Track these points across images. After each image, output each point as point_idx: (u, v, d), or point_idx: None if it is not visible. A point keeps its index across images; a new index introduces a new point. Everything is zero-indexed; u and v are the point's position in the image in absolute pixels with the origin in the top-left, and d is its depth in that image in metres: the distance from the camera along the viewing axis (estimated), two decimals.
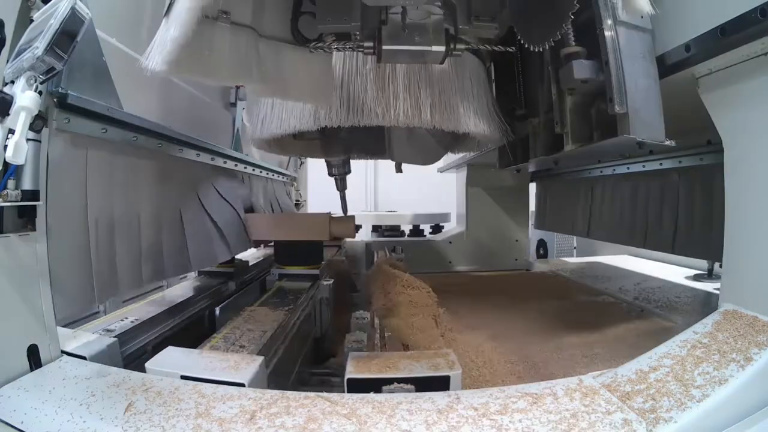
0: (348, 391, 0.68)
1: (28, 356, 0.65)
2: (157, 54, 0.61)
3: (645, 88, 0.76)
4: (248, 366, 0.71)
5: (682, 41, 0.74)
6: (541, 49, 0.78)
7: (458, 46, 0.82)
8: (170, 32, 0.60)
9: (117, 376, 0.65)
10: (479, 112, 1.04)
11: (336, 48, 0.83)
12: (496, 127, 1.10)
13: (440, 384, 0.69)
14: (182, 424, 0.53)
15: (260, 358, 0.74)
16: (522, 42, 0.82)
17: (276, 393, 0.61)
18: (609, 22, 0.76)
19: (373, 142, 1.50)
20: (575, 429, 0.51)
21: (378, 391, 0.66)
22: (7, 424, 0.53)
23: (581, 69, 0.83)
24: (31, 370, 0.65)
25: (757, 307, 0.66)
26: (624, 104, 0.75)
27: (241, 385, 0.66)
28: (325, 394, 0.61)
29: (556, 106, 1.02)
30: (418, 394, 0.62)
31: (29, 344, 0.65)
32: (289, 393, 0.61)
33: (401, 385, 0.67)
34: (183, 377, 0.67)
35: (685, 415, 0.52)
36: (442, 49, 0.81)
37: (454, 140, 1.36)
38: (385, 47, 0.79)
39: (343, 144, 1.38)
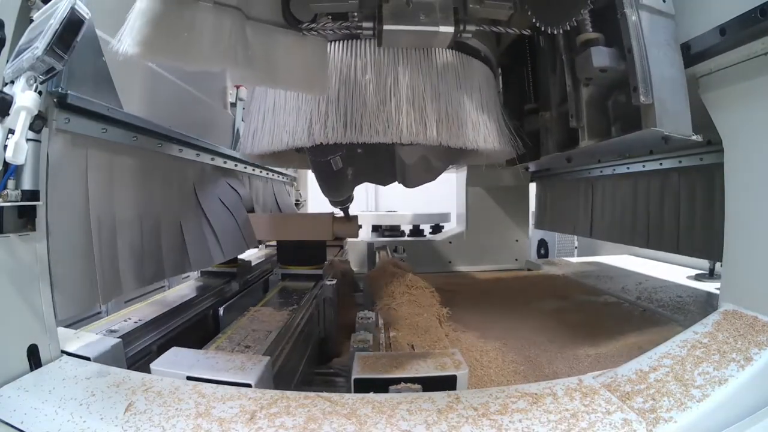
0: (355, 391, 0.67)
1: (28, 356, 0.65)
2: (128, 35, 0.55)
3: (671, 78, 0.71)
4: (254, 366, 0.71)
5: (683, 41, 0.74)
6: (558, 32, 0.71)
7: (468, 27, 0.73)
8: (138, 6, 0.56)
9: (117, 376, 0.65)
10: (489, 126, 0.96)
11: (331, 30, 0.76)
12: (506, 141, 1.02)
13: (447, 383, 0.68)
14: (182, 424, 0.53)
15: (266, 359, 0.74)
16: (536, 24, 0.74)
17: (276, 393, 0.61)
18: (631, 5, 0.70)
19: (380, 172, 1.41)
20: (575, 429, 0.51)
21: (385, 390, 0.65)
22: (7, 424, 0.53)
23: (600, 56, 0.77)
24: (31, 370, 0.65)
25: (757, 307, 0.66)
26: (650, 94, 0.69)
27: (248, 385, 0.65)
28: (325, 394, 0.60)
29: (571, 98, 0.94)
30: (418, 394, 0.62)
31: (29, 344, 0.65)
32: (289, 393, 0.61)
33: (408, 384, 0.66)
34: (189, 378, 0.67)
35: (685, 415, 0.52)
36: (451, 30, 0.72)
37: (460, 154, 1.26)
38: (386, 27, 0.71)
39: (348, 183, 1.28)
